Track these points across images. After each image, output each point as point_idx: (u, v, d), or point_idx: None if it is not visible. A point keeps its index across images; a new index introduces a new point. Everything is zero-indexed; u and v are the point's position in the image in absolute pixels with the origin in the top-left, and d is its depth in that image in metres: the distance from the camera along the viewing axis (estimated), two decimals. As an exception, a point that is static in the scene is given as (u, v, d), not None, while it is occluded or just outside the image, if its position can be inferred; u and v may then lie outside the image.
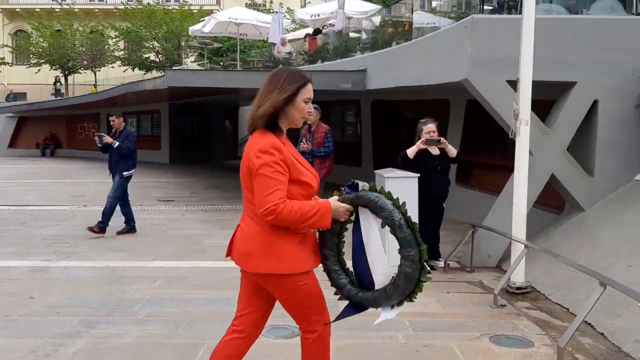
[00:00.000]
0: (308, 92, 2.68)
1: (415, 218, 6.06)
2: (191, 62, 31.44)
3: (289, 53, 16.66)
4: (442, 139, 6.23)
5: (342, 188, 2.78)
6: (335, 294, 2.90)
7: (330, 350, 2.93)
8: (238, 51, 19.29)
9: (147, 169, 19.66)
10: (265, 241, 2.63)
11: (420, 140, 6.21)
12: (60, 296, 5.39)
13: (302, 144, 7.87)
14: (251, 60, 20.78)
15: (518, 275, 5.54)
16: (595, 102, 6.38)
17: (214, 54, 27.72)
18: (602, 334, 4.45)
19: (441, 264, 6.47)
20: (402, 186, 6.11)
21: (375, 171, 6.77)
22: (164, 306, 5.10)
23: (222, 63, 24.01)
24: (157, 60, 33.20)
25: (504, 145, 8.82)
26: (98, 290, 5.58)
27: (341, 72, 11.19)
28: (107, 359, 3.96)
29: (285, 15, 21.67)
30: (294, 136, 17.80)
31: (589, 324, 4.53)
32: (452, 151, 6.30)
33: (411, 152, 6.21)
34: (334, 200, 2.72)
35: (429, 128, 6.25)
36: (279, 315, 4.67)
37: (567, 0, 7.82)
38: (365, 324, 4.54)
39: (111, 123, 8.52)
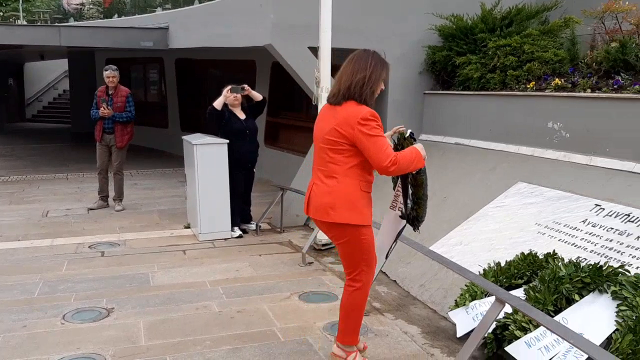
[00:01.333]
0: (386, 72, 3.20)
1: (225, 183, 6.10)
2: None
3: (81, 4, 15.17)
4: (245, 85, 6.27)
5: (406, 134, 3.26)
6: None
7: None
8: (20, 3, 17.01)
9: None
10: (347, 196, 3.07)
11: (225, 89, 6.17)
12: None
13: (102, 109, 7.28)
14: (37, 11, 18.49)
15: (323, 234, 5.90)
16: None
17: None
18: (395, 281, 5.00)
19: (253, 226, 6.63)
20: (211, 152, 6.07)
21: (183, 137, 6.60)
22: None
23: (1, 13, 20.98)
24: None
25: (309, 107, 9.21)
26: None
27: (141, 29, 10.56)
28: None
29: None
30: (73, 90, 16.32)
31: (384, 272, 5.05)
32: (257, 96, 6.38)
33: (218, 103, 6.13)
34: (419, 145, 3.17)
35: (228, 87, 6.25)
36: (84, 298, 4.46)
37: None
38: (177, 297, 4.54)
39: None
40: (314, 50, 6.04)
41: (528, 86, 5.84)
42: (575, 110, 5.21)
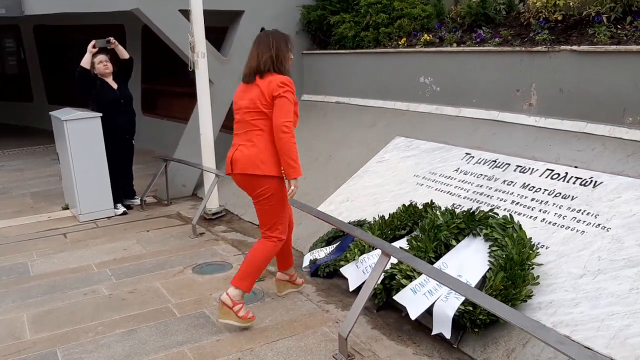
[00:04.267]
0: (290, 43, 3.56)
1: (103, 159, 5.80)
2: None
3: None
4: (111, 38, 5.94)
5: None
6: None
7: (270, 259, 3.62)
8: None
9: None
10: (272, 153, 3.43)
11: (90, 44, 5.80)
12: None
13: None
14: None
15: (212, 202, 5.84)
16: (262, 30, 6.81)
17: None
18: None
19: (137, 201, 6.39)
20: (83, 127, 5.71)
21: (51, 113, 6.13)
22: None
23: None
24: None
25: (185, 72, 8.88)
26: None
27: (-11, -6, 9.48)
28: None
29: None
30: None
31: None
32: (124, 52, 6.07)
33: (85, 61, 5.77)
34: (298, 180, 3.47)
35: (100, 59, 5.88)
36: None
37: None
38: (62, 284, 4.31)
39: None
40: (186, 14, 5.81)
41: (399, 42, 6.04)
42: (443, 64, 5.50)
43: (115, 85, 5.99)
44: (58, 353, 3.35)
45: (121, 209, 6.10)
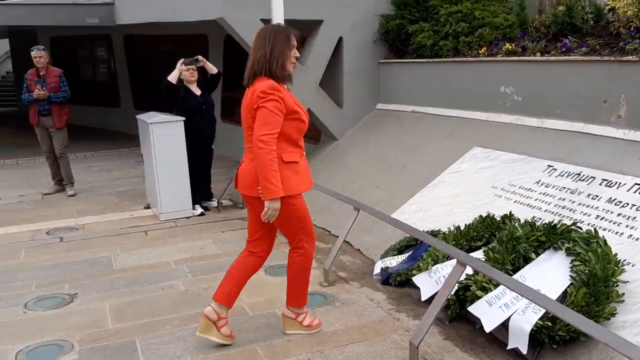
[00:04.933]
0: (293, 40, 3.15)
1: (184, 161, 6.03)
2: None
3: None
4: (199, 57, 6.17)
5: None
6: None
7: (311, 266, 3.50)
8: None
9: None
10: None
11: (179, 62, 6.06)
12: None
13: (36, 91, 6.97)
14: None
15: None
16: (340, 39, 6.91)
17: None
18: (359, 250, 5.09)
19: (214, 203, 6.59)
20: (167, 131, 5.97)
21: (137, 116, 6.46)
22: None
23: None
24: None
25: (264, 79, 9.10)
26: None
27: (85, 5, 10.15)
28: None
29: None
30: (17, 72, 15.61)
31: (348, 242, 5.13)
32: (212, 68, 6.29)
33: (172, 77, 6.02)
34: (278, 203, 3.06)
35: (189, 69, 6.14)
36: (45, 285, 4.37)
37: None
38: (142, 278, 4.51)
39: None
40: (267, 23, 5.96)
41: (480, 52, 5.93)
42: (526, 74, 5.34)
43: (198, 92, 6.23)
44: (137, 342, 3.49)
45: (199, 210, 6.32)
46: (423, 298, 3.87)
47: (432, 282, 3.85)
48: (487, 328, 3.26)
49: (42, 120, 7.20)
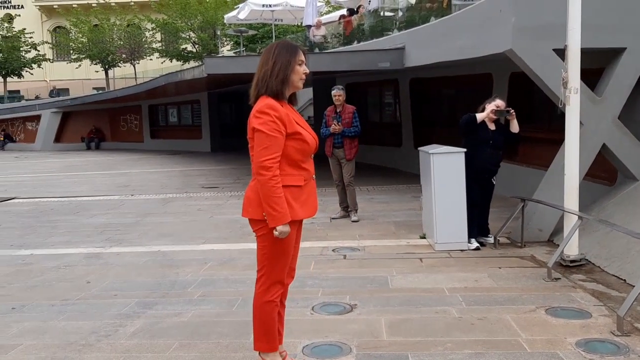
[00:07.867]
0: (300, 56, 3.02)
1: (462, 193, 6.01)
2: (227, 50, 31.63)
3: (324, 36, 16.55)
4: (511, 110, 6.11)
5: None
6: None
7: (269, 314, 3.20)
8: (274, 37, 19.34)
9: (190, 158, 20.02)
10: (257, 192, 2.98)
11: (491, 109, 6.10)
12: (116, 280, 5.55)
13: (332, 126, 7.80)
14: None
15: (571, 248, 5.41)
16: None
17: (250, 42, 27.75)
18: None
19: (491, 240, 6.38)
20: (447, 162, 6.05)
21: (419, 148, 6.69)
22: (217, 286, 5.20)
23: (258, 50, 24.05)
24: (194, 50, 33.58)
25: (550, 118, 8.59)
26: (152, 274, 5.72)
27: (378, 51, 11.08)
28: (165, 337, 4.05)
29: (319, -2, 21.49)
30: (317, 115, 17.36)
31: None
32: (516, 127, 6.18)
33: (480, 117, 6.09)
34: (288, 227, 2.96)
35: (498, 102, 6.14)
36: (330, 293, 4.77)
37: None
38: (416, 300, 4.58)
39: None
40: (559, 52, 5.65)
41: None
42: None
43: (492, 127, 6.18)
44: (409, 356, 3.53)
45: (474, 244, 6.19)
46: None
47: None
48: None
49: (335, 152, 8.02)
